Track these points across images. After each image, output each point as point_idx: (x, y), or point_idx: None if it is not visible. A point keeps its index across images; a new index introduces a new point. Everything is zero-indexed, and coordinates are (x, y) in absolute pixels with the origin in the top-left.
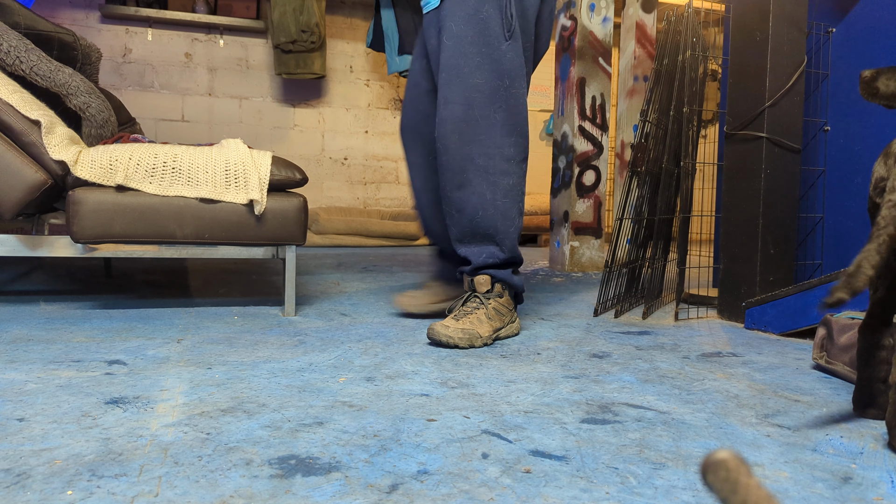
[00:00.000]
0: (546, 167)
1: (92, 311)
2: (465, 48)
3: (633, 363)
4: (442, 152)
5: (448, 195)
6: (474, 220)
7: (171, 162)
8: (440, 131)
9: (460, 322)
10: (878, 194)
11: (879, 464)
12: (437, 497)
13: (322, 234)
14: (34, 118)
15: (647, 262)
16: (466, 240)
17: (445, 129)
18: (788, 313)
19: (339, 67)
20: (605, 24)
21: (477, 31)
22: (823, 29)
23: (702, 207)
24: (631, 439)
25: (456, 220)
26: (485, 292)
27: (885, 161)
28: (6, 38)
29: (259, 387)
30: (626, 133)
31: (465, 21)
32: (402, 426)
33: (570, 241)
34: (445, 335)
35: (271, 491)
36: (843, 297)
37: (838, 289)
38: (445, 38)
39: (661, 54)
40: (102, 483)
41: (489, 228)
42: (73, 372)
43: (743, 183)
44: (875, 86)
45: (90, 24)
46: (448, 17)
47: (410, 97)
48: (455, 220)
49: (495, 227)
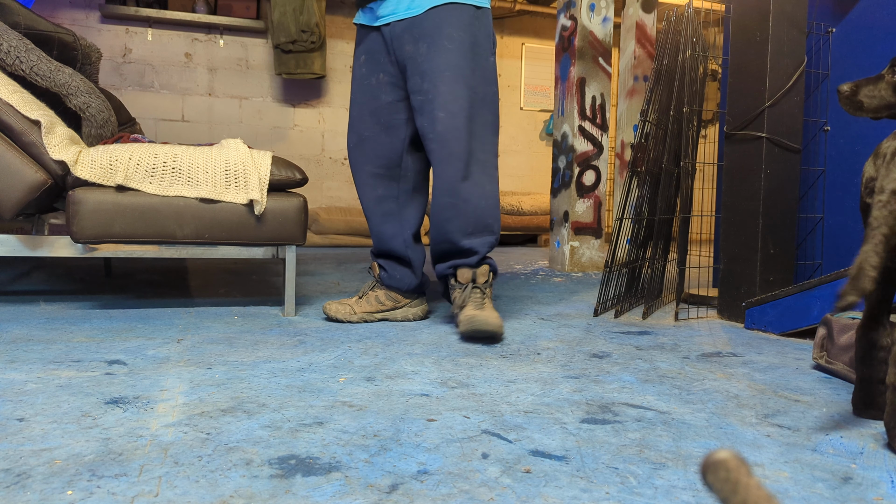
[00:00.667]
0: (546, 167)
1: (92, 311)
2: (465, 52)
3: (633, 363)
4: (445, 145)
5: (454, 187)
6: (478, 210)
7: (171, 162)
8: (446, 125)
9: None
10: (868, 194)
11: (879, 464)
12: (437, 497)
13: (322, 234)
14: (34, 118)
15: (647, 262)
16: (470, 231)
17: (454, 123)
18: (788, 313)
19: (339, 67)
20: (605, 24)
21: (472, 41)
22: (823, 29)
23: (702, 207)
24: (631, 439)
25: (462, 211)
26: (483, 283)
27: (875, 161)
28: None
29: (259, 387)
30: (626, 133)
31: (464, 29)
32: (402, 426)
33: (570, 241)
34: (497, 324)
35: (271, 491)
36: (853, 299)
37: (846, 292)
38: (445, 41)
39: (661, 54)
40: (102, 483)
41: (489, 217)
42: (73, 372)
43: (743, 183)
44: (858, 100)
45: (90, 24)
46: (444, 24)
47: (368, 111)
48: (461, 211)
49: (494, 216)
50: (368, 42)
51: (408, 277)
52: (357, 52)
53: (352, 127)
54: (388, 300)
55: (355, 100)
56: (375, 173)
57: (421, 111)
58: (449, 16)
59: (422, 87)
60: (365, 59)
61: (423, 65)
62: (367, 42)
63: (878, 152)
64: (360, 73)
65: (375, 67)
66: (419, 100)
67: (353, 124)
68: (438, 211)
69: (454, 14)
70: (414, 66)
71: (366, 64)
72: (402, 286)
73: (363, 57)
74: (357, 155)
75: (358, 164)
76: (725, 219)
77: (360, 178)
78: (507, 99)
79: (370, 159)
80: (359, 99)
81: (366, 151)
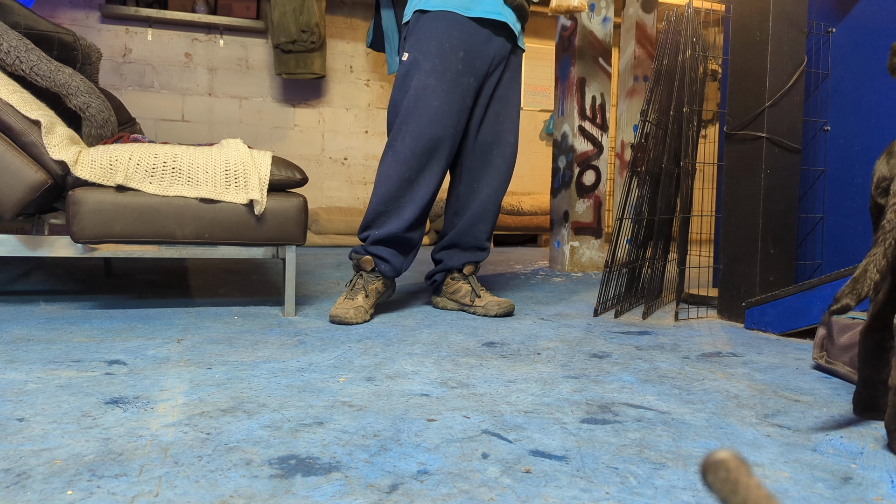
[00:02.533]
0: (546, 167)
1: (92, 311)
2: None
3: (633, 363)
4: (508, 165)
5: (498, 198)
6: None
7: (171, 162)
8: (513, 149)
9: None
10: (880, 194)
11: (879, 464)
12: (437, 497)
13: (322, 234)
14: (34, 118)
15: (647, 262)
16: (491, 234)
17: (514, 150)
18: (788, 313)
19: (339, 67)
20: (605, 24)
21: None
22: (823, 29)
23: (702, 207)
24: (631, 439)
25: (493, 219)
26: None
27: (888, 160)
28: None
29: (259, 387)
30: (626, 133)
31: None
32: (402, 426)
33: (570, 241)
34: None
35: (271, 491)
36: (850, 304)
37: (844, 295)
38: (518, 80)
39: (661, 54)
40: (102, 483)
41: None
42: (73, 372)
43: (743, 183)
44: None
45: (90, 24)
46: (520, 66)
47: (456, 110)
48: (493, 219)
49: None
50: (466, 36)
51: (406, 264)
52: (447, 39)
53: (443, 118)
54: (384, 287)
55: (446, 92)
56: (444, 168)
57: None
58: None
59: (493, 107)
60: (464, 56)
61: (504, 92)
62: (464, 34)
63: (891, 150)
64: (457, 69)
65: (471, 69)
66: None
67: (446, 116)
68: (478, 214)
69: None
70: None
71: (464, 61)
72: (396, 275)
73: (462, 53)
74: (441, 147)
75: (439, 155)
76: (725, 219)
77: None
78: None
79: (446, 155)
80: (451, 94)
81: (449, 147)
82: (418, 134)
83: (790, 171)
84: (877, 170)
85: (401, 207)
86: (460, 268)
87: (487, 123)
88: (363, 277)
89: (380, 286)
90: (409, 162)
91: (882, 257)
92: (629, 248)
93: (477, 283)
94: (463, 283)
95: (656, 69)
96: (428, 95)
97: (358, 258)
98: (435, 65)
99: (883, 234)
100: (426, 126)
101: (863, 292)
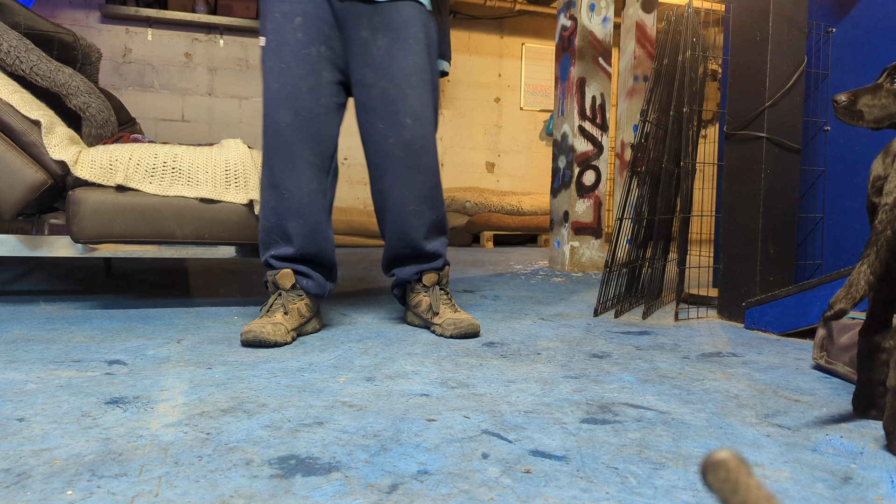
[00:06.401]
0: (546, 167)
1: (92, 311)
2: (429, 56)
3: (633, 363)
4: (413, 154)
5: (423, 195)
6: (440, 215)
7: (171, 162)
8: (415, 133)
9: (461, 313)
10: (875, 193)
11: (879, 464)
12: (437, 497)
13: None
14: (34, 118)
15: (647, 262)
16: (433, 235)
17: (424, 132)
18: (788, 313)
19: None
20: (605, 24)
21: (430, 44)
22: (823, 29)
23: (702, 207)
24: (631, 439)
25: (428, 218)
26: (446, 283)
27: (884, 159)
28: (6, 38)
29: (259, 387)
30: (626, 133)
31: (425, 31)
32: (402, 426)
33: (570, 241)
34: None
35: (271, 491)
36: (845, 309)
37: (839, 300)
38: (412, 41)
39: (661, 54)
40: (102, 483)
41: (444, 220)
42: (73, 372)
43: (743, 183)
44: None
45: (90, 24)
46: (411, 22)
47: (307, 87)
48: (427, 218)
49: (445, 216)
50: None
51: (328, 284)
52: (283, 6)
53: (287, 101)
54: (307, 311)
55: (288, 69)
56: (313, 162)
57: (378, 112)
58: (415, 13)
59: (377, 84)
60: (302, 23)
61: (383, 60)
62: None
63: (888, 150)
64: (296, 39)
65: (316, 37)
66: (376, 98)
67: (290, 98)
68: (403, 218)
69: (418, 13)
70: (365, 56)
71: (302, 28)
72: (322, 292)
73: (299, 19)
74: (293, 136)
75: (294, 147)
76: (725, 219)
77: (294, 164)
78: (508, 99)
79: (309, 145)
80: (294, 70)
81: (306, 134)
82: (265, 125)
83: (790, 171)
84: (873, 169)
85: (282, 223)
86: (418, 279)
87: (374, 104)
88: (282, 296)
89: (303, 308)
90: (268, 162)
91: (875, 257)
92: (629, 248)
93: (438, 296)
94: (424, 296)
95: (656, 69)
96: (268, 80)
97: (274, 275)
98: (269, 42)
99: (875, 235)
100: (270, 115)
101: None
